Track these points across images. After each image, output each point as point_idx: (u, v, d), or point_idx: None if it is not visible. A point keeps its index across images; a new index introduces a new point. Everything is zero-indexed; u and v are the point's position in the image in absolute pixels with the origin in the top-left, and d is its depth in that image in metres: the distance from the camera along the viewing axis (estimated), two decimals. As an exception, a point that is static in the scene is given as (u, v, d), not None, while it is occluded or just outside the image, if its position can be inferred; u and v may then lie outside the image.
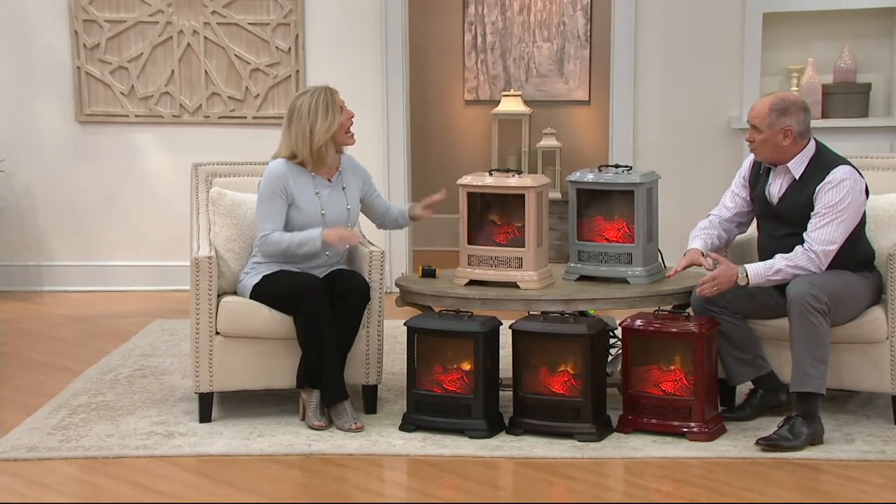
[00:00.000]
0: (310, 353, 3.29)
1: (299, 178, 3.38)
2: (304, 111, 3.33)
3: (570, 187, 3.54)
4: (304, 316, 3.27)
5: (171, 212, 5.06)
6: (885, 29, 4.87)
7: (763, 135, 3.24)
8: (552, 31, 6.09)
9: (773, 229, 3.31)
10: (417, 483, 3.00)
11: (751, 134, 3.27)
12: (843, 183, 3.20)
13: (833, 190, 3.19)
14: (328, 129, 3.34)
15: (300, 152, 3.37)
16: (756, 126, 3.25)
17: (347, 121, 3.39)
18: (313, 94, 3.36)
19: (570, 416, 3.20)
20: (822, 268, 3.19)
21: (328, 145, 3.37)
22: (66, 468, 3.06)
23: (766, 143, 3.24)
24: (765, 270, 3.19)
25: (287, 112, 3.40)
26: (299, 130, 3.35)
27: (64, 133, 5.18)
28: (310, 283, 3.31)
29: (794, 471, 3.00)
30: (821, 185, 3.20)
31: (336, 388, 3.28)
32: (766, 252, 3.32)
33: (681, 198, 4.91)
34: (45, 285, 5.22)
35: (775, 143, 3.24)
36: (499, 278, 3.40)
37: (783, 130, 3.23)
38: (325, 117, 3.33)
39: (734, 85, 4.94)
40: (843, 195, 3.18)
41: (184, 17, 5.09)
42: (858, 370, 3.29)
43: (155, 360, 4.07)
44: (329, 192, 3.42)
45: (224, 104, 5.14)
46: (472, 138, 6.21)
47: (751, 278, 3.20)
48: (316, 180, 3.40)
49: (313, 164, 3.38)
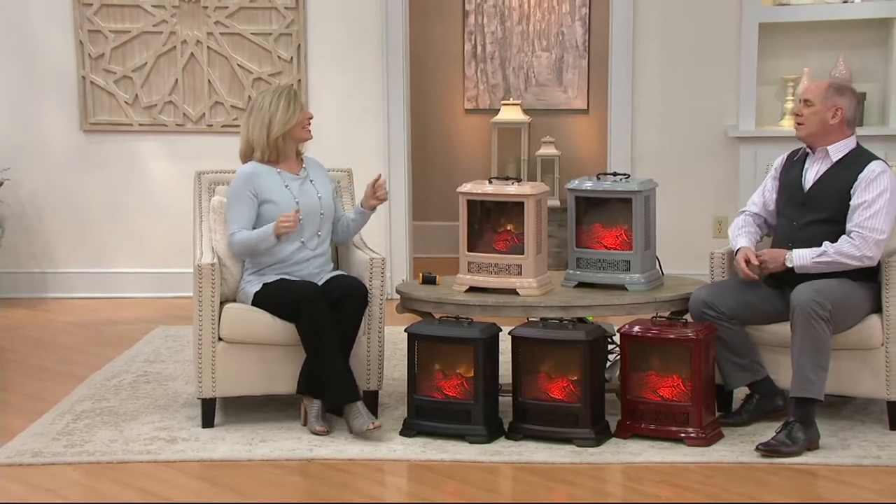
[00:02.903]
0: (312, 359, 3.32)
1: (266, 175, 3.46)
2: (266, 104, 3.44)
3: (569, 195, 3.57)
4: (304, 322, 3.30)
5: (175, 219, 5.09)
6: (879, 39, 4.91)
7: (814, 108, 3.29)
8: (551, 40, 6.13)
9: (797, 216, 3.32)
10: (418, 488, 3.02)
11: (800, 108, 3.32)
12: (884, 174, 3.26)
13: (877, 180, 3.24)
14: (287, 121, 3.42)
15: (256, 142, 3.45)
16: (809, 100, 3.30)
17: (305, 119, 3.47)
18: (276, 90, 3.48)
19: (569, 421, 3.22)
20: (867, 256, 3.21)
21: (285, 138, 3.45)
22: (71, 473, 3.09)
23: (815, 115, 3.29)
24: (810, 254, 3.22)
25: (248, 106, 3.52)
26: (257, 120, 3.45)
27: (69, 142, 5.22)
28: (308, 289, 3.34)
29: (790, 476, 3.02)
30: (862, 176, 3.25)
31: (345, 390, 3.29)
32: (781, 240, 3.35)
33: (678, 206, 4.95)
34: (50, 292, 5.25)
35: (824, 119, 3.29)
36: (498, 285, 3.43)
37: (835, 108, 3.29)
38: (286, 110, 3.42)
39: (731, 94, 4.97)
40: (885, 185, 3.24)
41: (187, 27, 5.14)
42: (854, 376, 3.31)
43: (158, 366, 4.09)
44: (298, 184, 3.48)
45: (227, 113, 5.18)
46: (472, 146, 6.25)
47: (795, 260, 3.22)
48: (283, 175, 3.48)
49: (269, 154, 3.45)
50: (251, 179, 3.45)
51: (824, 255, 3.23)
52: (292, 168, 3.51)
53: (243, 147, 3.52)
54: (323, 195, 3.51)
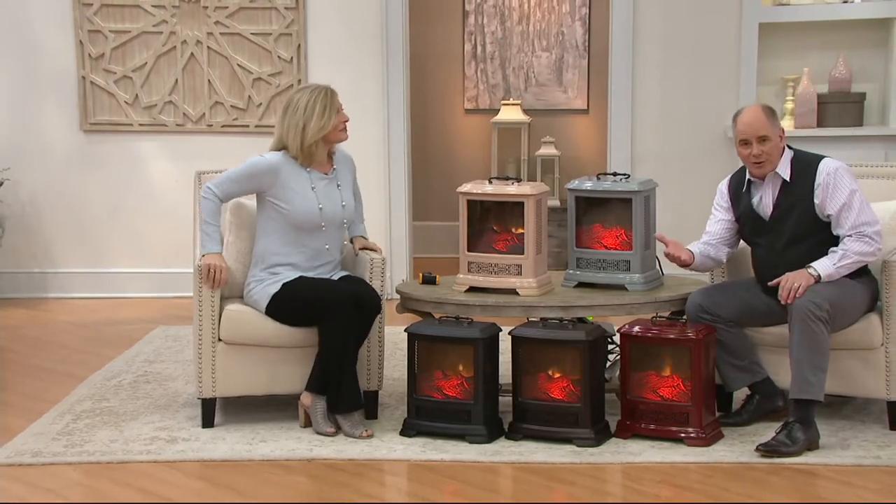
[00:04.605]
0: (331, 362, 3.28)
1: (294, 173, 3.37)
2: (301, 106, 3.33)
3: (569, 195, 3.57)
4: (331, 321, 3.25)
5: (175, 219, 5.09)
6: (879, 39, 4.91)
7: (772, 142, 3.23)
8: (551, 40, 6.13)
9: (773, 243, 3.28)
10: (418, 488, 3.02)
11: (758, 148, 3.22)
12: (839, 171, 3.22)
13: (838, 181, 3.20)
14: (321, 128, 3.34)
15: (290, 145, 3.36)
16: (766, 136, 3.22)
17: (341, 123, 3.38)
18: (313, 92, 3.36)
19: (569, 421, 3.22)
20: (879, 248, 3.20)
21: (319, 144, 3.37)
22: (71, 473, 3.09)
23: (775, 148, 3.24)
24: (830, 262, 3.17)
25: (284, 103, 3.40)
26: (292, 123, 3.34)
27: (69, 142, 5.22)
28: (339, 289, 3.29)
29: (790, 476, 3.02)
30: (820, 186, 3.20)
31: (356, 397, 3.30)
32: (768, 268, 3.28)
33: (678, 206, 4.95)
34: (50, 292, 5.25)
35: (779, 146, 3.26)
36: (498, 285, 3.44)
37: (780, 132, 3.27)
38: (320, 117, 3.33)
39: (731, 94, 4.97)
40: (849, 183, 3.20)
41: (187, 27, 5.14)
42: (854, 376, 3.31)
43: (158, 366, 4.10)
44: (325, 185, 3.42)
45: (227, 113, 5.18)
46: (472, 147, 6.25)
47: (820, 271, 3.17)
48: (312, 175, 3.40)
49: (303, 158, 3.38)
50: (275, 171, 3.34)
51: (845, 258, 3.18)
52: (323, 167, 3.43)
53: (275, 144, 3.40)
54: (347, 203, 3.45)
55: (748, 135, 3.24)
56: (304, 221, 3.38)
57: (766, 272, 3.29)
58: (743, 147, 3.27)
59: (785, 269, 3.22)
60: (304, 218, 3.38)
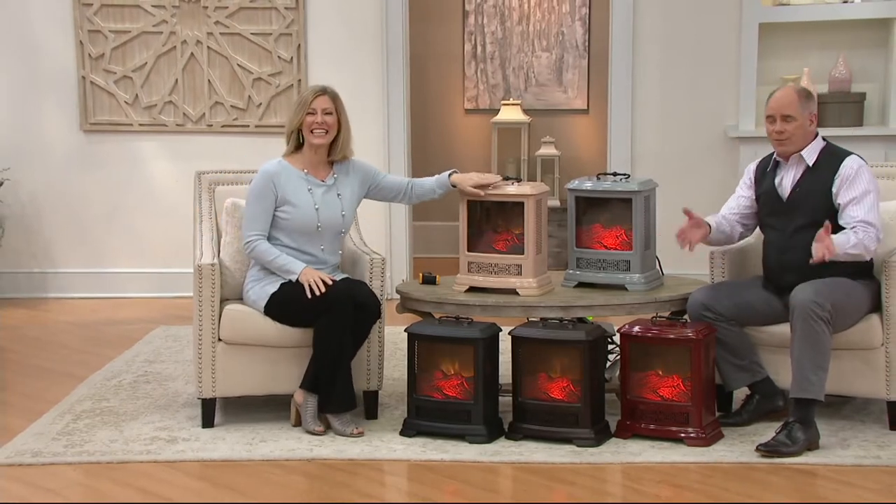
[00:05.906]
0: (325, 360, 3.30)
1: (291, 176, 3.44)
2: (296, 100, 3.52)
3: (569, 195, 3.58)
4: (330, 324, 3.26)
5: (175, 219, 5.10)
6: (879, 39, 4.91)
7: (797, 122, 3.29)
8: (551, 40, 6.14)
9: (785, 225, 3.32)
10: (418, 488, 3.02)
11: (781, 125, 3.29)
12: (862, 170, 3.27)
13: (858, 177, 3.24)
14: (291, 122, 3.46)
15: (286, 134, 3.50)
16: (790, 115, 3.29)
17: (313, 123, 3.43)
18: (310, 88, 3.51)
19: (569, 421, 3.23)
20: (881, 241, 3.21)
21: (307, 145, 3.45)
22: (71, 473, 3.09)
23: (799, 129, 3.29)
24: (843, 241, 3.18)
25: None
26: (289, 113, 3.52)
27: (69, 142, 5.23)
28: (340, 292, 3.30)
29: (790, 476, 3.02)
30: (841, 174, 3.26)
31: (349, 397, 3.31)
32: (775, 251, 3.33)
33: (678, 206, 4.88)
34: (50, 292, 5.26)
35: (805, 129, 3.31)
36: (498, 285, 3.44)
37: (810, 115, 3.31)
38: (294, 112, 3.46)
39: (731, 94, 4.98)
40: (867, 183, 3.24)
41: (187, 27, 5.14)
42: (854, 376, 3.31)
43: (158, 367, 4.10)
44: (323, 192, 3.45)
45: (227, 113, 5.19)
46: (472, 146, 6.26)
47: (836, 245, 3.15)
48: (308, 178, 3.45)
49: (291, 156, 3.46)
50: (275, 177, 3.42)
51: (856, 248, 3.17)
52: (319, 173, 3.47)
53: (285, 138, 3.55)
54: (347, 212, 3.47)
55: (774, 110, 3.33)
56: (300, 224, 3.40)
57: (774, 257, 3.32)
58: (769, 123, 3.35)
59: (792, 255, 3.26)
60: (301, 220, 3.40)
